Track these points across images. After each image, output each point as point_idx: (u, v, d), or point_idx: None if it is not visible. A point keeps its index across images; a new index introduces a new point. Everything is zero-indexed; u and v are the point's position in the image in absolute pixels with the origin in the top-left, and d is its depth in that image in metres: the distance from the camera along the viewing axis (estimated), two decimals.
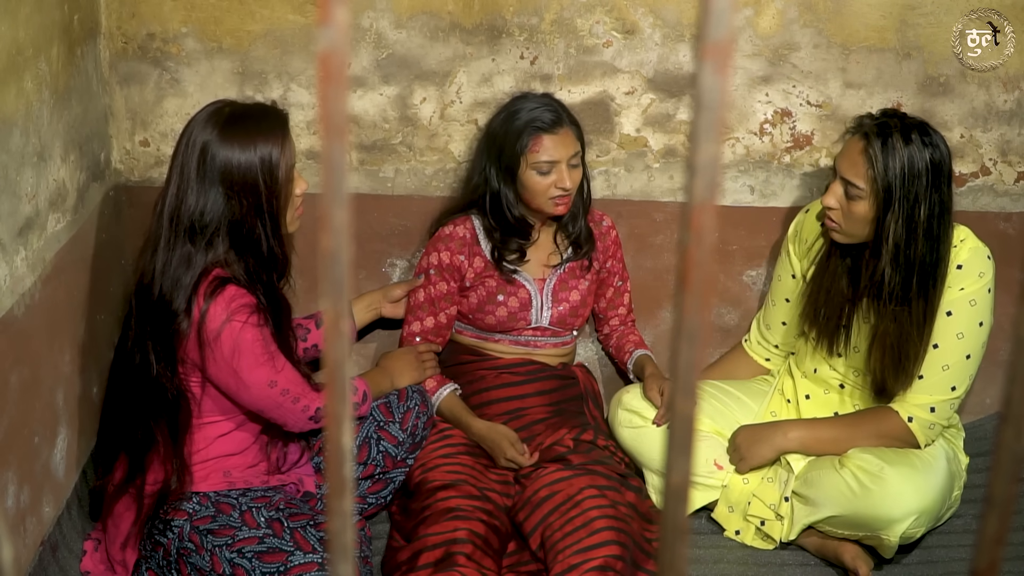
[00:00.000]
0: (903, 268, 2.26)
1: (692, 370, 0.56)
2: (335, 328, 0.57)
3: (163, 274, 2.08)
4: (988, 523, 0.62)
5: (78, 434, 2.34)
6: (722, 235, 2.73)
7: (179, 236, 2.09)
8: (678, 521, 0.58)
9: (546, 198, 2.43)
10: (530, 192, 2.44)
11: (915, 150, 2.22)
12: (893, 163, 2.21)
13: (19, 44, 2.00)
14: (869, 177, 2.23)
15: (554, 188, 2.41)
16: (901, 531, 2.27)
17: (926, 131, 2.26)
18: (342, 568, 0.61)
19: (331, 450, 0.59)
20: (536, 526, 2.28)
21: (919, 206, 2.22)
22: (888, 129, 2.23)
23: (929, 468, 2.32)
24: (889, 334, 2.33)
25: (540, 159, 2.40)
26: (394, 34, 2.59)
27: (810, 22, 2.59)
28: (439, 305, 2.57)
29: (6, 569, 0.60)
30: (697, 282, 0.54)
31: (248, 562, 2.08)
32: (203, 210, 2.09)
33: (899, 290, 2.27)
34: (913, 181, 2.21)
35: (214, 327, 2.07)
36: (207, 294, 2.07)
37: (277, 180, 2.11)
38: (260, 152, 2.09)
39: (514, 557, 2.30)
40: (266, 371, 2.12)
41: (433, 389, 2.55)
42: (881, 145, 2.22)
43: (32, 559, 2.08)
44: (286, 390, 2.16)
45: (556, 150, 2.40)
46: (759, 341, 2.67)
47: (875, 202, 2.24)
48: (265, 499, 2.19)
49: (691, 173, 0.53)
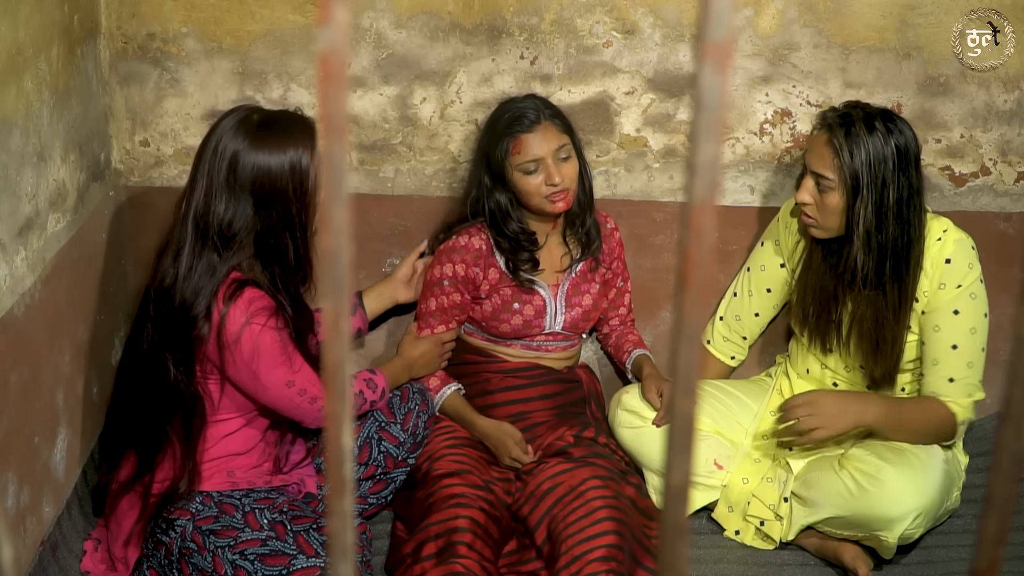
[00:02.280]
0: (875, 253, 2.29)
1: (692, 370, 0.56)
2: (335, 328, 0.57)
3: (186, 280, 2.08)
4: (988, 523, 0.62)
5: (78, 434, 2.34)
6: (722, 235, 2.73)
7: (205, 244, 2.09)
8: (678, 521, 0.58)
9: (540, 197, 2.40)
10: (524, 194, 2.42)
11: (879, 137, 2.26)
12: (858, 150, 2.26)
13: (19, 44, 2.00)
14: (836, 167, 2.28)
15: (544, 186, 2.38)
16: (900, 531, 2.27)
17: (890, 118, 2.30)
18: (342, 568, 0.61)
19: (331, 450, 0.59)
20: (541, 519, 2.30)
21: (887, 190, 2.26)
22: (850, 119, 2.28)
23: (926, 468, 2.32)
24: (866, 319, 2.36)
25: (523, 160, 2.38)
26: (394, 34, 2.59)
27: (810, 22, 2.59)
28: (451, 314, 2.54)
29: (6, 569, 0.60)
30: (697, 282, 0.54)
31: (250, 564, 2.08)
32: (231, 220, 2.08)
33: (872, 275, 2.31)
34: (879, 166, 2.25)
35: (234, 330, 2.08)
36: (226, 297, 2.08)
37: (307, 187, 2.11)
38: (291, 159, 2.08)
39: (514, 556, 2.31)
40: (284, 372, 2.13)
41: (436, 388, 2.55)
42: (845, 135, 2.27)
43: (32, 559, 2.08)
44: (303, 390, 2.17)
45: (538, 147, 2.37)
46: (725, 338, 2.69)
47: (845, 191, 2.28)
48: (268, 500, 2.19)
49: (691, 173, 0.53)
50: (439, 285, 2.52)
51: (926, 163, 2.68)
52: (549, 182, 2.38)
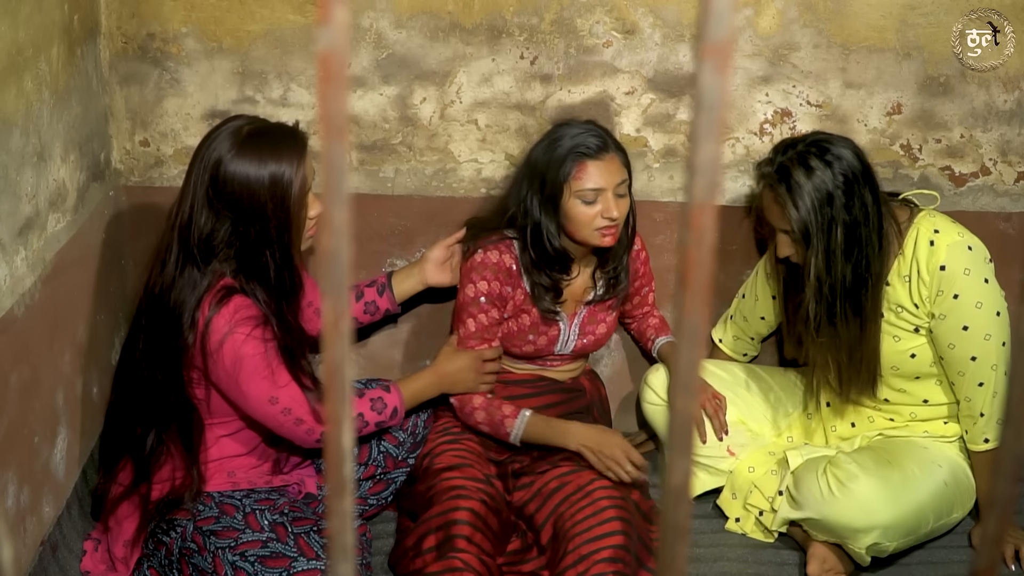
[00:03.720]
0: (827, 298, 2.24)
1: (692, 370, 0.56)
2: (335, 328, 0.57)
3: (171, 289, 2.06)
4: (988, 523, 0.62)
5: (78, 434, 2.34)
6: (722, 235, 2.73)
7: (188, 255, 2.06)
8: (678, 521, 0.58)
9: (591, 229, 2.29)
10: (574, 223, 2.30)
11: (818, 176, 2.19)
12: (803, 201, 2.19)
13: (19, 44, 2.00)
14: (788, 220, 2.22)
15: (600, 218, 2.27)
16: (865, 543, 2.28)
17: (822, 147, 2.22)
18: (343, 569, 0.61)
19: (331, 450, 0.59)
20: (547, 517, 2.30)
21: (834, 230, 2.19)
22: (786, 169, 2.22)
23: (909, 486, 2.31)
24: (827, 366, 2.35)
25: (585, 186, 2.26)
26: (394, 34, 2.59)
27: (810, 22, 2.59)
28: (492, 331, 2.43)
29: (6, 569, 0.60)
30: (697, 282, 0.54)
31: (251, 566, 2.07)
32: (210, 232, 2.05)
33: (825, 320, 2.27)
34: (824, 208, 2.18)
35: (216, 339, 2.05)
36: (213, 303, 2.05)
37: (287, 204, 2.04)
38: (272, 172, 2.03)
39: (516, 556, 2.31)
40: (266, 386, 2.08)
41: (512, 414, 2.41)
42: (787, 189, 2.20)
43: (32, 559, 2.08)
44: (288, 409, 2.11)
45: (602, 177, 2.27)
46: (736, 336, 2.70)
47: (802, 241, 2.23)
48: (269, 501, 2.19)
49: (691, 173, 0.53)
50: (475, 304, 2.41)
51: (926, 163, 2.68)
52: (607, 215, 2.27)
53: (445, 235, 2.58)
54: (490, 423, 2.42)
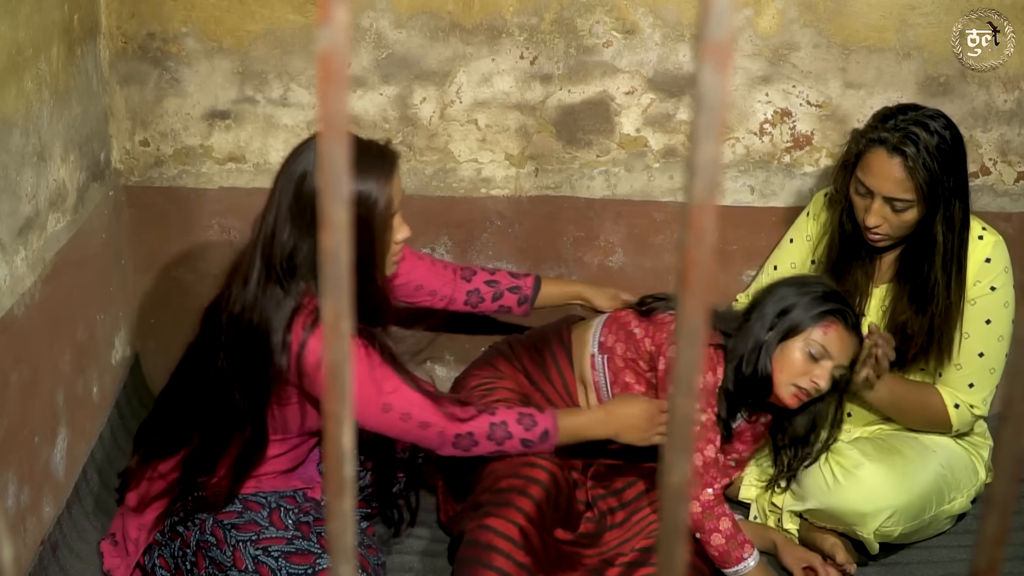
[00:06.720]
0: (951, 267, 2.28)
1: (692, 370, 0.56)
2: (335, 328, 0.57)
3: (253, 310, 1.98)
4: (988, 523, 0.62)
5: (78, 434, 2.34)
6: (722, 235, 2.73)
7: (270, 276, 1.98)
8: (678, 521, 0.58)
9: (790, 383, 2.20)
10: (782, 365, 2.20)
11: (940, 138, 2.20)
12: (931, 161, 2.19)
13: (19, 44, 2.00)
14: (914, 187, 2.20)
15: (808, 379, 2.19)
16: (873, 527, 2.29)
17: (933, 114, 2.24)
18: (343, 569, 0.61)
19: (331, 450, 0.59)
20: (619, 545, 2.24)
21: (954, 196, 2.22)
22: (914, 135, 2.20)
23: (911, 470, 2.33)
24: (925, 326, 2.34)
25: (820, 343, 2.18)
26: (394, 34, 2.59)
27: (810, 22, 2.59)
28: (715, 430, 2.27)
29: (6, 569, 0.60)
30: (697, 282, 0.54)
31: (274, 561, 2.03)
32: (293, 250, 1.97)
33: (942, 286, 2.29)
34: (947, 172, 2.20)
35: (314, 360, 1.96)
36: (307, 325, 1.97)
37: (372, 223, 1.96)
38: (356, 189, 1.92)
39: (585, 540, 2.26)
40: (374, 395, 2.00)
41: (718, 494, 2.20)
42: (916, 152, 2.19)
43: (32, 559, 2.08)
44: (407, 415, 2.03)
45: (837, 347, 2.19)
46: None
47: (924, 205, 2.23)
48: (293, 500, 2.17)
49: (691, 173, 0.53)
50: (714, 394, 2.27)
51: None
52: (815, 379, 2.19)
53: (445, 235, 2.57)
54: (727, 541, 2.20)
